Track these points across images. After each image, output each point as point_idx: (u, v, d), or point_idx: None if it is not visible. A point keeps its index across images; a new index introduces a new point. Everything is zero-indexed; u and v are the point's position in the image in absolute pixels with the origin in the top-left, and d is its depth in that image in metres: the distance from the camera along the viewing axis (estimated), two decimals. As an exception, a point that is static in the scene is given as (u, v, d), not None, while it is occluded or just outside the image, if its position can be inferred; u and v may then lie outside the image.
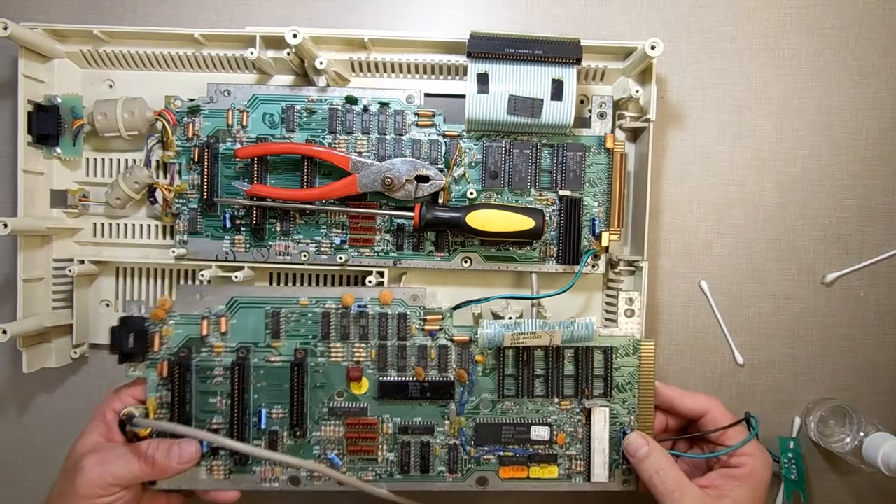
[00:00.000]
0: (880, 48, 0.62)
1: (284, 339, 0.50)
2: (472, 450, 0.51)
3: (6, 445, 0.65)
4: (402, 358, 0.51)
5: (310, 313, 0.51)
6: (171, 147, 0.58)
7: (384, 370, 0.51)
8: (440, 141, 0.58)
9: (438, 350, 0.51)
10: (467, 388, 0.51)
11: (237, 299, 0.51)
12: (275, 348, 0.51)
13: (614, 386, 0.51)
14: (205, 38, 0.57)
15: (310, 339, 0.51)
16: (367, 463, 0.51)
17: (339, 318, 0.51)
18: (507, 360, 0.51)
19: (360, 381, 0.50)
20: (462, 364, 0.51)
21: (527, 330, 0.48)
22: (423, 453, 0.51)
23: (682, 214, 0.63)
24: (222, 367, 0.50)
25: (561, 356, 0.51)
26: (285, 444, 0.51)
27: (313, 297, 0.51)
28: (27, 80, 0.58)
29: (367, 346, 0.50)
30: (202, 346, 0.50)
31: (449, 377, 0.51)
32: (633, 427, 0.52)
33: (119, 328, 0.50)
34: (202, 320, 0.51)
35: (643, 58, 0.54)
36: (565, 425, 0.52)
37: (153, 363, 0.50)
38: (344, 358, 0.50)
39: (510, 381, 0.51)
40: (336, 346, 0.50)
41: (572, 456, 0.52)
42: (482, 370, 0.51)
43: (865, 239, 0.63)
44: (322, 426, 0.51)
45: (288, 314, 0.51)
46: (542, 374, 0.51)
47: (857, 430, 0.58)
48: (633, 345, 0.52)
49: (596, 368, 0.51)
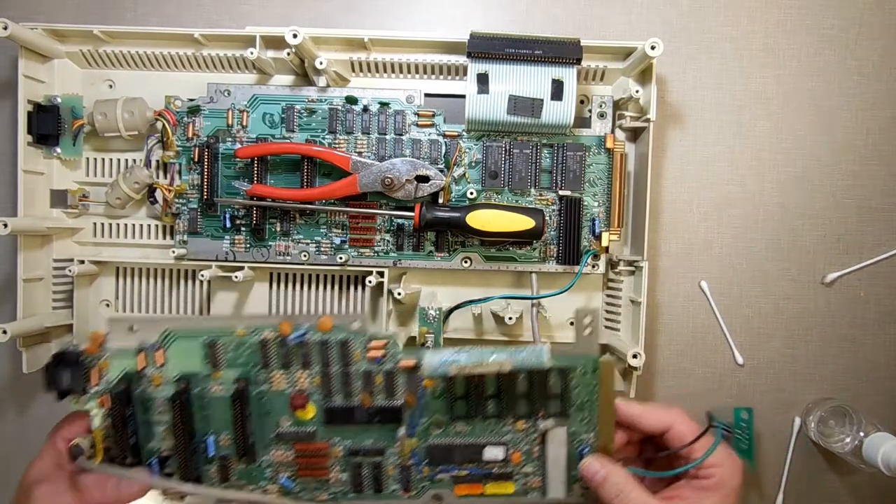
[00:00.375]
0: (880, 48, 0.62)
1: (224, 368, 0.49)
2: (426, 469, 0.49)
3: (6, 445, 0.65)
4: (347, 385, 0.48)
5: (247, 343, 0.48)
6: (171, 147, 0.58)
7: (329, 396, 0.49)
8: (440, 141, 0.58)
9: (385, 375, 0.48)
10: (417, 410, 0.49)
11: (171, 331, 0.48)
12: (215, 379, 0.49)
13: (572, 405, 0.49)
14: (205, 38, 0.57)
15: (250, 369, 0.49)
16: (321, 484, 0.50)
17: (279, 346, 0.48)
18: (457, 382, 0.48)
19: (304, 408, 0.49)
20: (410, 388, 0.48)
21: (472, 361, 0.45)
22: (375, 474, 0.49)
23: (682, 214, 0.63)
24: (163, 398, 0.48)
25: (514, 376, 0.48)
26: (237, 468, 0.49)
27: (250, 326, 0.48)
28: (27, 80, 0.58)
29: (309, 374, 0.48)
30: (141, 378, 0.49)
31: (397, 402, 0.49)
32: (593, 446, 0.49)
33: (53, 365, 0.48)
34: (138, 353, 0.48)
35: (643, 58, 0.54)
36: (521, 444, 0.49)
37: (95, 395, 0.49)
38: (287, 385, 0.48)
39: (461, 403, 0.49)
40: (277, 374, 0.48)
41: (528, 473, 0.50)
42: (432, 392, 0.48)
43: (865, 239, 0.63)
44: (271, 451, 0.49)
45: (225, 344, 0.48)
46: (494, 394, 0.49)
47: (857, 430, 0.58)
48: (592, 363, 0.49)
49: (552, 387, 0.49)
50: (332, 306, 0.62)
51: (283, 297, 0.62)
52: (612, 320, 0.60)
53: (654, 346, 0.63)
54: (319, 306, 0.62)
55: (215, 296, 0.62)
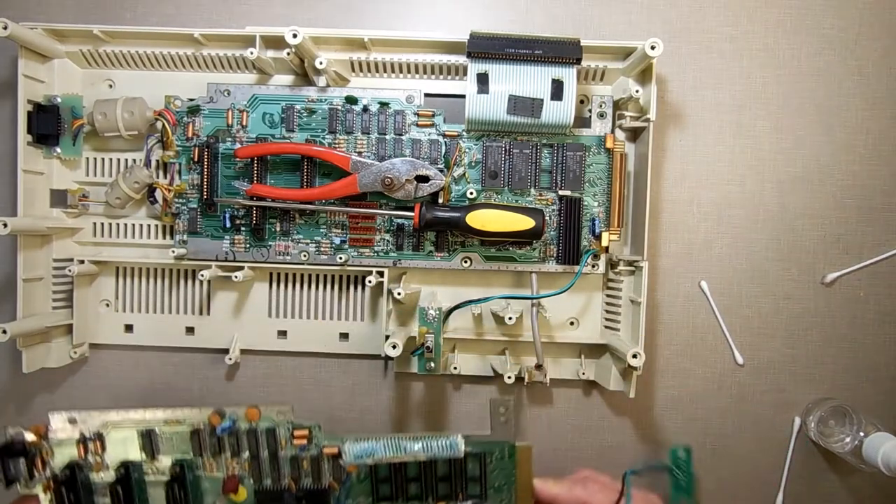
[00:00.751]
0: (880, 48, 0.62)
1: (161, 455, 0.52)
2: None
3: (6, 445, 0.65)
4: (276, 469, 0.52)
5: (179, 433, 0.52)
6: (171, 147, 0.58)
7: (259, 480, 0.52)
8: (440, 141, 0.58)
9: (311, 460, 0.51)
10: (341, 493, 0.52)
11: (108, 422, 0.52)
12: (152, 465, 0.52)
13: (490, 487, 0.51)
14: (205, 38, 0.57)
15: (185, 456, 0.52)
16: None
17: (210, 435, 0.52)
18: (380, 466, 0.51)
19: (237, 491, 0.52)
20: (335, 472, 0.51)
21: (390, 453, 0.49)
22: None
23: (682, 214, 0.63)
24: (105, 483, 0.51)
25: (434, 460, 0.51)
26: None
27: (182, 418, 0.52)
28: (27, 79, 0.58)
29: (239, 460, 0.52)
30: (83, 465, 0.52)
31: (324, 484, 0.51)
32: None
33: (1, 454, 0.51)
34: (78, 444, 0.51)
35: (643, 58, 0.54)
36: None
37: (40, 481, 0.51)
38: (220, 471, 0.52)
39: (385, 485, 0.52)
40: (210, 461, 0.52)
41: None
42: (357, 477, 0.51)
43: (865, 239, 0.63)
44: None
45: (161, 434, 0.52)
46: (415, 477, 0.51)
47: (857, 430, 0.58)
48: (509, 448, 0.51)
49: (471, 471, 0.51)
50: (333, 306, 0.62)
51: (283, 297, 0.62)
52: (612, 320, 0.60)
53: (654, 346, 0.63)
54: (319, 306, 0.62)
55: (215, 296, 0.63)
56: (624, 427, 0.64)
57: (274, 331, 0.63)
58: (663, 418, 0.64)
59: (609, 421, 0.64)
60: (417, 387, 0.64)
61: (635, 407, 0.64)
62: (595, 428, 0.64)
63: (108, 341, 0.63)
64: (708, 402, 0.64)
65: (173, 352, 0.64)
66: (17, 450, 0.51)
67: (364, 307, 0.62)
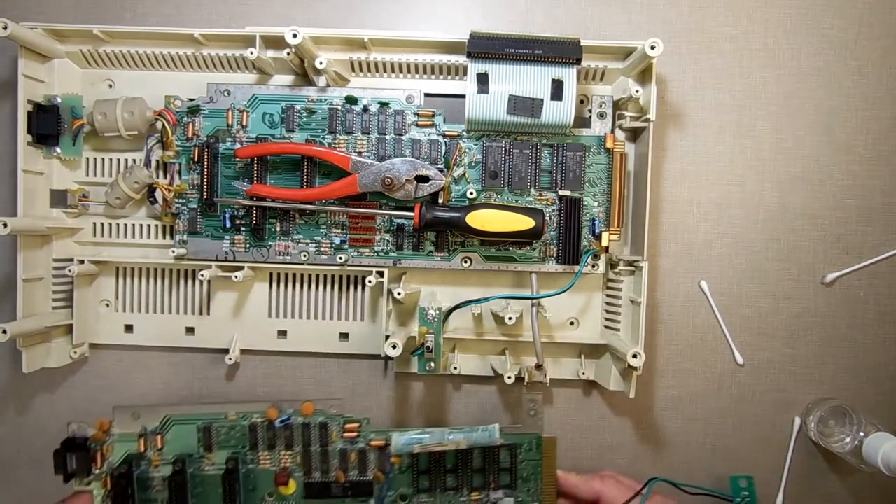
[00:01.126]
0: (880, 48, 0.62)
1: (216, 450, 0.55)
2: None
3: (6, 445, 0.65)
4: (325, 462, 0.56)
5: (238, 426, 0.55)
6: (171, 147, 0.58)
7: (309, 473, 0.56)
8: (440, 141, 0.58)
9: (358, 453, 0.56)
10: (385, 485, 0.56)
11: (170, 417, 0.55)
12: (208, 459, 0.55)
13: (518, 477, 0.56)
14: (205, 38, 0.57)
15: (240, 449, 0.55)
16: None
17: (265, 429, 0.55)
18: (420, 458, 0.56)
19: (287, 484, 0.55)
20: (379, 465, 0.56)
21: (434, 441, 0.53)
22: None
23: (682, 214, 0.63)
24: (161, 477, 0.54)
25: (470, 452, 0.56)
26: None
27: (241, 411, 0.55)
28: (27, 79, 0.58)
29: (292, 453, 0.56)
30: (141, 460, 0.55)
31: (368, 477, 0.56)
32: None
33: (62, 450, 0.54)
34: (139, 438, 0.55)
35: (643, 58, 0.54)
36: None
37: (98, 477, 0.54)
38: (272, 464, 0.55)
39: (424, 477, 0.56)
40: (264, 454, 0.56)
41: None
42: (399, 468, 0.56)
43: (865, 239, 0.63)
44: None
45: (218, 428, 0.55)
46: (452, 468, 0.56)
47: (857, 430, 0.58)
48: (536, 440, 0.56)
49: (502, 462, 0.56)
50: (333, 306, 0.62)
51: (283, 297, 0.62)
52: (612, 320, 0.60)
53: (654, 346, 0.63)
54: (319, 306, 0.62)
55: (215, 296, 0.63)
56: (624, 427, 0.64)
57: (274, 331, 0.63)
58: (663, 418, 0.64)
59: (609, 421, 0.64)
60: (417, 387, 0.64)
61: (635, 407, 0.64)
62: (595, 428, 0.64)
63: (108, 341, 0.63)
64: (708, 402, 0.64)
65: (173, 352, 0.64)
66: (78, 445, 0.54)
67: (364, 307, 0.62)
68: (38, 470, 0.65)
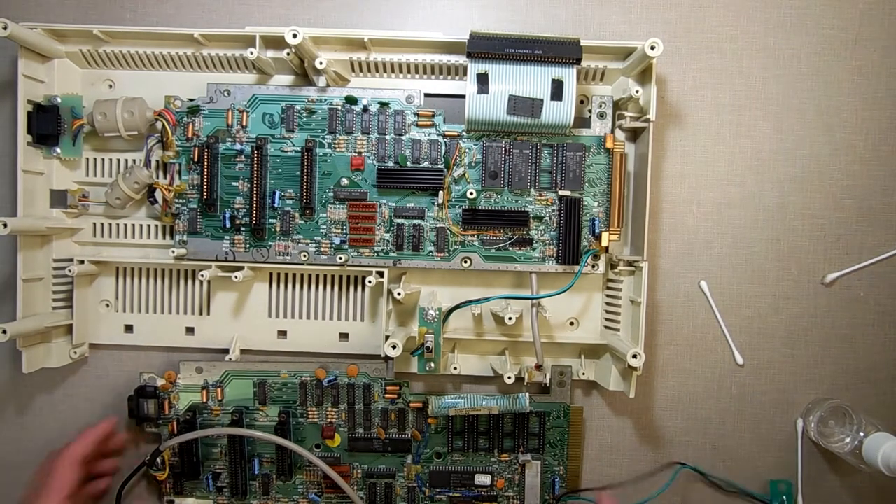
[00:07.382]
0: (880, 48, 0.62)
1: (270, 404, 0.61)
2: (427, 490, 0.61)
3: (6, 445, 0.65)
4: (368, 419, 0.61)
5: (289, 384, 0.61)
6: (171, 147, 0.58)
7: (353, 429, 0.61)
8: (440, 141, 0.58)
9: (398, 413, 0.61)
10: (422, 443, 0.61)
11: (229, 372, 0.61)
12: (262, 411, 0.61)
13: (546, 442, 0.61)
14: (205, 38, 0.57)
15: (291, 404, 0.61)
16: (342, 499, 0.62)
17: (314, 387, 0.61)
18: (455, 420, 0.60)
19: (333, 437, 0.61)
20: (417, 424, 0.61)
21: (468, 405, 0.58)
22: (386, 493, 0.61)
23: (682, 214, 0.63)
24: (220, 425, 0.61)
25: (501, 417, 0.60)
26: (276, 484, 0.62)
27: (291, 370, 0.61)
28: (27, 80, 0.58)
29: (338, 410, 0.61)
30: (203, 409, 0.61)
31: (407, 434, 0.61)
32: (563, 477, 0.61)
33: (136, 396, 0.61)
34: (202, 390, 0.61)
35: (643, 58, 0.54)
36: (504, 473, 0.61)
37: (166, 422, 0.61)
38: (319, 419, 0.61)
39: (458, 438, 0.61)
40: (312, 409, 0.61)
41: (510, 497, 0.61)
42: (435, 428, 0.61)
43: (865, 239, 0.63)
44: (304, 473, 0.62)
45: (272, 384, 0.61)
46: (485, 431, 0.61)
47: (857, 430, 0.58)
48: (564, 409, 0.61)
49: (531, 428, 0.61)
50: (332, 306, 0.62)
51: (283, 297, 0.62)
52: (611, 320, 0.60)
53: (654, 346, 0.63)
54: (319, 306, 0.62)
55: (215, 296, 0.63)
56: (624, 427, 0.64)
57: (274, 331, 0.63)
58: (663, 418, 0.64)
59: (609, 421, 0.64)
60: (417, 387, 0.64)
61: (635, 407, 0.64)
62: (595, 428, 0.64)
63: (108, 341, 0.63)
64: (708, 402, 0.64)
65: (173, 352, 0.64)
66: (148, 393, 0.61)
67: (364, 307, 0.62)
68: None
